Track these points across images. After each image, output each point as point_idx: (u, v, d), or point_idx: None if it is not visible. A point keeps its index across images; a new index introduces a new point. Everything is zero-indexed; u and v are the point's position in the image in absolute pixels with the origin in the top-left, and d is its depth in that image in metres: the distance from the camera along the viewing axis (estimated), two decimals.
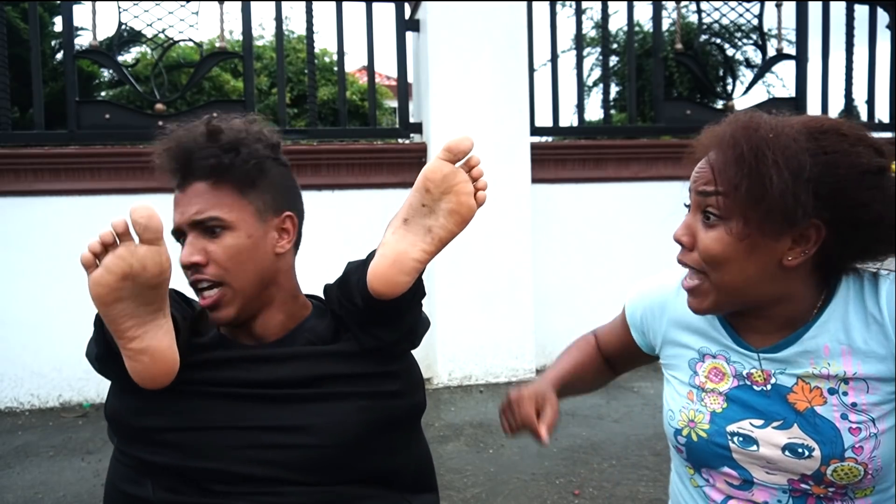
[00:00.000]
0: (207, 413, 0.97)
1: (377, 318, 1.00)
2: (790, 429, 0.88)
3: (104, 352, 0.93)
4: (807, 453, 0.86)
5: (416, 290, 1.01)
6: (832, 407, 0.87)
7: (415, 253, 0.96)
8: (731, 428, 0.91)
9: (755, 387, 0.91)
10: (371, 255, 1.01)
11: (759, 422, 0.90)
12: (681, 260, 0.91)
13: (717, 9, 4.45)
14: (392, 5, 3.94)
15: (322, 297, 1.12)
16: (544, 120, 4.14)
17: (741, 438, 0.91)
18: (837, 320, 0.88)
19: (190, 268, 0.98)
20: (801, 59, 4.44)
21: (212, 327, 1.06)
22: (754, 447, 0.90)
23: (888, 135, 4.57)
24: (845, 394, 0.87)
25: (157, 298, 0.87)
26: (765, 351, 0.91)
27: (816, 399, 0.88)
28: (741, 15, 4.44)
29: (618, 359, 1.16)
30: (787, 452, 0.88)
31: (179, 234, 1.01)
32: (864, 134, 0.85)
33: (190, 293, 1.07)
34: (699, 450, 0.94)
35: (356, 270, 1.02)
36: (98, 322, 0.92)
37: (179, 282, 0.99)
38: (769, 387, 0.91)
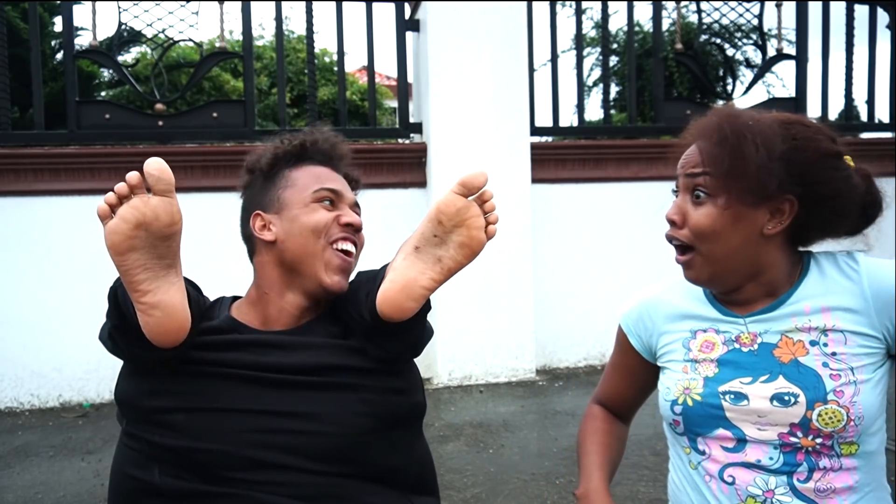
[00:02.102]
0: (216, 395, 0.99)
1: (383, 332, 1.02)
2: (776, 380, 0.97)
3: (118, 322, 0.94)
4: (793, 400, 0.95)
5: (423, 307, 1.03)
6: (814, 357, 0.97)
7: (424, 281, 0.99)
8: (723, 388, 1.00)
9: (743, 349, 1.01)
10: (382, 270, 1.04)
11: (748, 379, 0.99)
12: (670, 236, 1.02)
13: (717, 9, 4.45)
14: (392, 5, 3.94)
15: None
16: (544, 120, 4.15)
17: (732, 396, 0.99)
18: (816, 284, 1.00)
19: (353, 228, 1.11)
20: (801, 59, 4.44)
21: (224, 314, 1.10)
22: (745, 402, 0.98)
23: (888, 135, 4.57)
24: (825, 344, 0.97)
25: (170, 253, 0.90)
26: (751, 315, 1.02)
27: (799, 350, 0.98)
28: (741, 15, 4.44)
29: (627, 398, 1.22)
30: (775, 402, 0.96)
31: (333, 194, 1.12)
32: (822, 125, 1.00)
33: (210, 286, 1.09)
34: (694, 414, 1.01)
35: (366, 284, 1.05)
36: (112, 293, 0.95)
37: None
38: (756, 346, 1.00)
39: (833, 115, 4.95)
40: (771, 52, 4.48)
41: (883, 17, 4.53)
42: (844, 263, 1.01)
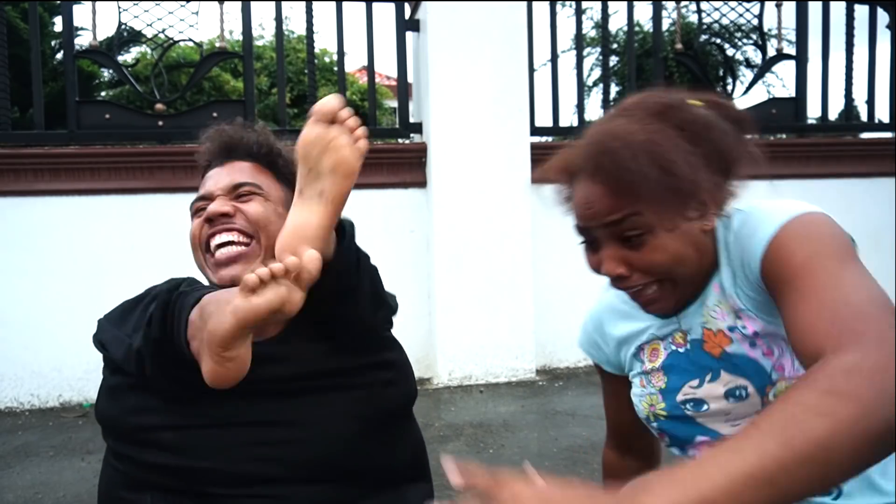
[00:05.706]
0: (205, 410, 0.96)
1: (328, 295, 0.96)
2: (720, 377, 0.91)
3: (160, 336, 0.91)
4: (744, 393, 0.89)
5: (358, 259, 1.00)
6: (738, 342, 0.89)
7: (314, 219, 0.93)
8: (680, 398, 0.94)
9: (679, 349, 0.95)
10: None
11: (695, 382, 0.93)
12: (623, 287, 0.89)
13: (717, 9, 4.45)
14: (392, 5, 3.94)
15: None
16: (544, 120, 4.14)
17: (692, 404, 0.93)
18: (722, 258, 0.90)
19: (221, 216, 1.07)
20: (801, 59, 4.43)
21: None
22: (706, 407, 0.92)
23: (888, 135, 4.56)
24: (744, 327, 0.89)
25: (272, 323, 0.91)
26: (680, 310, 0.93)
27: (724, 341, 0.90)
28: (741, 15, 4.43)
29: (632, 425, 1.08)
30: (730, 399, 0.90)
31: (203, 200, 1.11)
32: (681, 98, 0.87)
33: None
34: (670, 428, 0.97)
35: None
36: (164, 306, 0.91)
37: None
38: (688, 345, 0.94)
39: (833, 115, 4.94)
40: (771, 52, 4.48)
41: (883, 17, 4.52)
42: (732, 222, 0.89)
